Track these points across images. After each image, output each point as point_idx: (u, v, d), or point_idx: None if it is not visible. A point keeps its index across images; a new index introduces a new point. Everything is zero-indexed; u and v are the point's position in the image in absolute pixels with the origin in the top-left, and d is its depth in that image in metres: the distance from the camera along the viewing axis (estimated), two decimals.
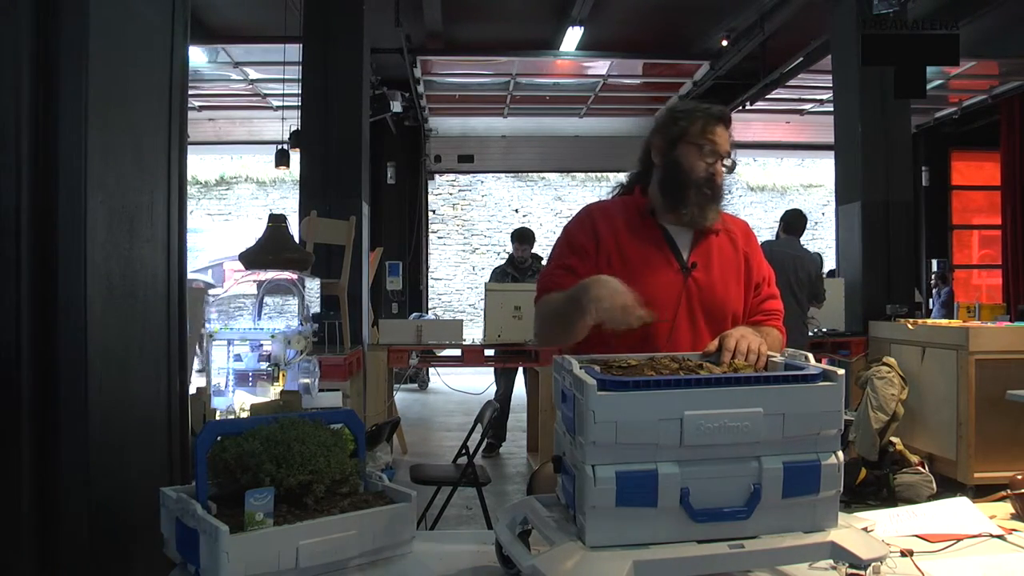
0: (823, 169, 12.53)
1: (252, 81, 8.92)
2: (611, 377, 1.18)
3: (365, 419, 4.68)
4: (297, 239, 4.44)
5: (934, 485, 4.49)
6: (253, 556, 1.25)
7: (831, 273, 7.06)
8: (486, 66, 8.73)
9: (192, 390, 2.40)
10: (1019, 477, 1.68)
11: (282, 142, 7.79)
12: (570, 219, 1.90)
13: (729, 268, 1.83)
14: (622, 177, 1.99)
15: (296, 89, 5.94)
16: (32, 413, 1.55)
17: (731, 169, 1.81)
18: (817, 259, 5.43)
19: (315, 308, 5.16)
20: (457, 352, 5.79)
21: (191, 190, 12.25)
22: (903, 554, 1.39)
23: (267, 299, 3.73)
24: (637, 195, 1.87)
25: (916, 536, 1.51)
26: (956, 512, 1.59)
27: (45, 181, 1.59)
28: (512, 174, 13.08)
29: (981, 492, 3.48)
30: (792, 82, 8.66)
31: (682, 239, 1.81)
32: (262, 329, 3.45)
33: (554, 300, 1.72)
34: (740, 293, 1.84)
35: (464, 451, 3.47)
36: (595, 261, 1.78)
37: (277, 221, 3.87)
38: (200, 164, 12.78)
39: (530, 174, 13.20)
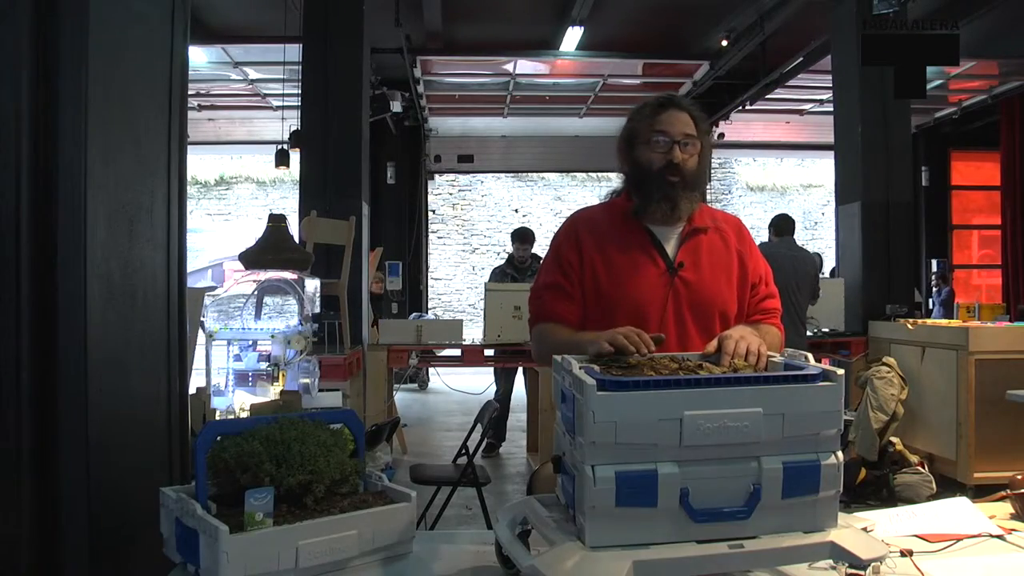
0: (823, 169, 12.53)
1: (252, 81, 8.92)
2: (611, 377, 1.18)
3: (365, 419, 4.68)
4: (297, 239, 4.44)
5: (934, 485, 4.49)
6: (253, 556, 1.25)
7: (832, 273, 7.06)
8: (486, 66, 8.73)
9: (192, 390, 2.40)
10: (1019, 477, 1.68)
11: (282, 142, 7.79)
12: (557, 229, 1.90)
13: (719, 266, 1.81)
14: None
15: (296, 89, 5.94)
16: (32, 413, 1.55)
17: (705, 146, 1.78)
18: (816, 259, 5.43)
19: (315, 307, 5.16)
20: (457, 352, 5.79)
21: (191, 190, 12.25)
22: (903, 554, 1.39)
23: (267, 299, 3.72)
24: (623, 198, 1.87)
25: (916, 536, 1.51)
26: (956, 512, 1.59)
27: (45, 181, 1.59)
28: (512, 174, 13.08)
29: (981, 492, 3.48)
30: (792, 82, 8.65)
31: (668, 239, 1.79)
32: (262, 329, 3.45)
33: (555, 339, 1.74)
34: (732, 292, 1.81)
35: (464, 451, 3.47)
36: (580, 274, 1.79)
37: (277, 221, 3.87)
38: (200, 164, 12.78)
39: (530, 174, 13.20)
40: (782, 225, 5.34)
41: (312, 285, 3.79)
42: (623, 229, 1.81)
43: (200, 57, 8.01)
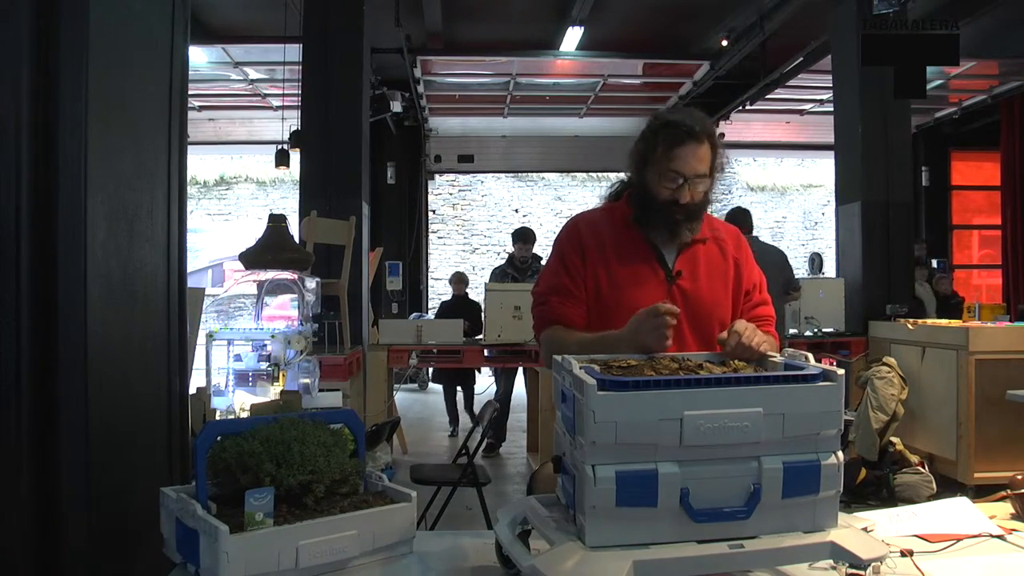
0: (823, 169, 12.51)
1: (252, 81, 8.91)
2: (611, 377, 1.18)
3: (365, 419, 4.68)
4: (297, 239, 4.44)
5: (934, 485, 4.49)
6: (253, 556, 1.25)
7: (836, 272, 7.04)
8: (486, 66, 8.73)
9: (192, 390, 2.40)
10: (1019, 477, 1.68)
11: (282, 142, 7.79)
12: (559, 232, 1.91)
13: (716, 275, 1.82)
14: (623, 176, 1.98)
15: (296, 89, 5.94)
16: (32, 413, 1.55)
17: (719, 170, 1.77)
18: (781, 252, 5.37)
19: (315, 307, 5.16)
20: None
21: (191, 190, 12.24)
22: (903, 554, 1.39)
23: (267, 299, 3.73)
24: (623, 203, 1.87)
25: (916, 536, 1.51)
26: (956, 512, 1.59)
27: (45, 181, 1.59)
28: (512, 174, 13.06)
29: (981, 492, 3.48)
30: (792, 82, 8.65)
31: (668, 247, 1.81)
32: (262, 329, 3.45)
33: (572, 340, 1.73)
34: (727, 300, 1.83)
35: (464, 451, 3.47)
36: (584, 276, 1.80)
37: (277, 221, 3.87)
38: (200, 164, 12.76)
39: (530, 174, 13.18)
40: (743, 221, 5.17)
41: (312, 285, 3.79)
42: (624, 236, 1.82)
43: (200, 57, 8.01)
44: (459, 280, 7.38)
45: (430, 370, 9.18)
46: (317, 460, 1.37)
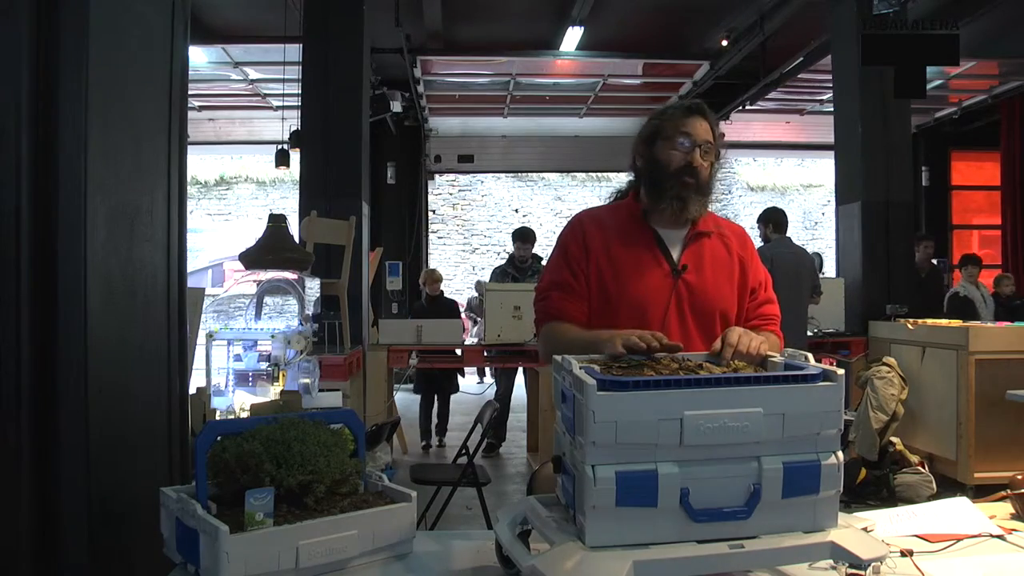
0: (823, 169, 12.52)
1: (252, 81, 8.92)
2: (611, 377, 1.18)
3: (365, 419, 4.68)
4: (297, 239, 4.44)
5: (934, 485, 4.49)
6: (253, 556, 1.25)
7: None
8: (486, 66, 8.73)
9: (192, 390, 2.40)
10: (1019, 477, 1.68)
11: (282, 142, 7.79)
12: (562, 229, 1.91)
13: (721, 270, 1.83)
14: (623, 178, 2.00)
15: (296, 89, 5.95)
16: (32, 413, 1.55)
17: (717, 157, 1.81)
18: (813, 256, 5.45)
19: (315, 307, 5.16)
20: (457, 352, 5.80)
21: (191, 190, 12.24)
22: (903, 554, 1.39)
23: (267, 299, 3.73)
24: (630, 200, 1.89)
25: (916, 536, 1.51)
26: (956, 512, 1.59)
27: (45, 181, 1.59)
28: (512, 174, 13.07)
29: (981, 492, 3.47)
30: (792, 82, 8.66)
31: (673, 241, 1.81)
32: (262, 329, 3.46)
33: (566, 337, 1.73)
34: (733, 295, 1.83)
35: (464, 451, 3.47)
36: (586, 271, 1.80)
37: (277, 221, 3.87)
38: (200, 164, 12.76)
39: (530, 174, 13.18)
40: (781, 221, 5.29)
41: (312, 285, 3.80)
42: (630, 229, 1.82)
43: (200, 57, 8.01)
44: (435, 279, 6.94)
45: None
46: (317, 460, 1.37)
